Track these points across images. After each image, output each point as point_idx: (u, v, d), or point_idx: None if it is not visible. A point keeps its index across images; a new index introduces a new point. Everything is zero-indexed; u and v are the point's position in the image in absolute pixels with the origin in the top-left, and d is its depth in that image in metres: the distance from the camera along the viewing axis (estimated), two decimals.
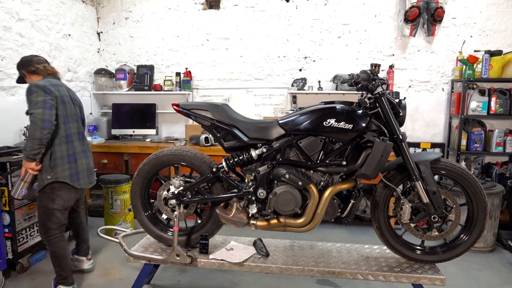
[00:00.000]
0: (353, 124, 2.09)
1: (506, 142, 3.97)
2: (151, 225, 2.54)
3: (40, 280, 3.00)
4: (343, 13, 4.43)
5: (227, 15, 4.65)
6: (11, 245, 2.96)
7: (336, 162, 2.18)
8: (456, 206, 2.19)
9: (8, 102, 3.54)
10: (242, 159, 2.28)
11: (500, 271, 3.24)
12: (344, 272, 2.21)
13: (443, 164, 2.19)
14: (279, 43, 4.61)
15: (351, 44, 4.48)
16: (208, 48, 4.75)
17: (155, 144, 4.40)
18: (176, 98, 4.80)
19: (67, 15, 4.31)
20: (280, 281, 2.97)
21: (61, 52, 4.24)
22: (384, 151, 2.05)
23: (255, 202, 2.24)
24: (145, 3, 4.81)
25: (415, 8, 4.02)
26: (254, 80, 4.73)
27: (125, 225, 3.91)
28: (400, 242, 2.30)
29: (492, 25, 4.20)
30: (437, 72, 4.38)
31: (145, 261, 2.45)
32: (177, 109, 2.37)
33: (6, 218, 2.94)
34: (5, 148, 3.28)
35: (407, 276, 2.16)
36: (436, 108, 4.42)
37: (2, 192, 2.93)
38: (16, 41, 3.60)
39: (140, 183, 2.49)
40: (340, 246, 2.60)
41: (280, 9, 4.54)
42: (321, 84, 4.50)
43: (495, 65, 3.88)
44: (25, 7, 3.69)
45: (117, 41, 4.95)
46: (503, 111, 3.94)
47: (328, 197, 2.17)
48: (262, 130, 2.26)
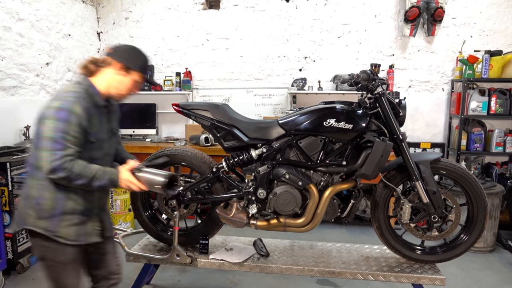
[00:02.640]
0: (353, 124, 2.09)
1: (506, 142, 3.97)
2: (151, 225, 2.54)
3: (40, 280, 3.00)
4: (343, 13, 4.43)
5: (227, 15, 4.65)
6: (11, 245, 2.96)
7: (336, 162, 2.18)
8: (456, 206, 2.19)
9: (8, 102, 3.53)
10: (242, 159, 2.28)
11: (500, 271, 3.24)
12: (344, 272, 2.21)
13: (443, 164, 2.19)
14: (279, 43, 4.61)
15: (351, 44, 4.48)
16: (208, 48, 4.75)
17: (155, 144, 4.40)
18: (176, 98, 4.79)
19: (67, 15, 4.31)
20: (280, 281, 2.97)
21: (61, 52, 4.24)
22: (384, 151, 2.05)
23: (255, 202, 2.24)
24: (145, 3, 4.80)
25: (415, 8, 4.02)
26: (254, 80, 4.73)
27: (125, 225, 3.91)
28: (400, 242, 2.30)
29: (492, 25, 4.20)
30: (437, 72, 4.38)
31: (145, 261, 2.45)
32: (177, 109, 2.37)
33: (6, 218, 2.94)
34: (5, 148, 3.28)
35: (407, 276, 2.16)
36: (436, 108, 4.42)
37: (2, 192, 2.93)
38: (16, 41, 3.60)
39: None
40: (340, 246, 2.60)
41: (280, 9, 4.54)
42: (321, 84, 4.50)
43: (495, 65, 3.88)
44: (25, 7, 3.69)
45: (117, 41, 4.95)
46: (503, 111, 3.94)
47: (328, 197, 2.17)
48: (262, 130, 2.26)
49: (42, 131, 1.57)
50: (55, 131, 1.55)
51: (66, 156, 1.55)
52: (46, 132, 1.55)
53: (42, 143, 1.56)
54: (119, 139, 2.04)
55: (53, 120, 1.56)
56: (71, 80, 4.44)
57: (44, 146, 1.55)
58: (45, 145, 1.55)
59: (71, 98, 1.61)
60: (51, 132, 1.55)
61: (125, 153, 2.09)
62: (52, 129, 1.55)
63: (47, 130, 1.55)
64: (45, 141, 1.55)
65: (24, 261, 3.12)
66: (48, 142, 1.55)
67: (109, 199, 3.85)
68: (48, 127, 1.55)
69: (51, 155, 1.53)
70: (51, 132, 1.55)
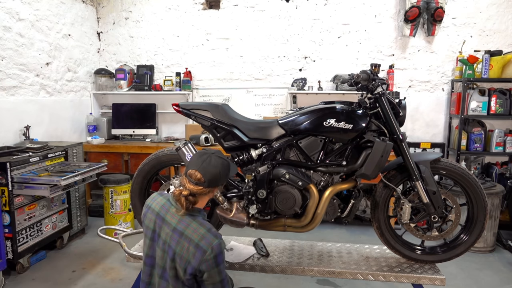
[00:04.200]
0: (353, 124, 2.09)
1: (506, 142, 3.97)
2: None
3: (40, 280, 3.00)
4: (343, 13, 4.43)
5: (227, 15, 4.65)
6: (11, 245, 2.96)
7: (336, 162, 2.18)
8: (456, 206, 2.18)
9: (8, 102, 3.54)
10: (242, 159, 2.27)
11: (500, 271, 3.24)
12: (344, 272, 2.21)
13: (443, 164, 2.19)
14: (279, 43, 4.61)
15: (351, 44, 4.48)
16: (208, 48, 4.75)
17: (155, 144, 4.40)
18: (176, 98, 4.79)
19: (67, 15, 4.31)
20: (280, 281, 2.97)
21: (61, 52, 4.24)
22: (384, 151, 2.05)
23: (255, 202, 2.24)
24: (145, 3, 4.81)
25: (415, 8, 4.02)
26: (254, 80, 4.73)
27: (125, 225, 3.91)
28: (400, 242, 2.30)
29: (492, 25, 4.20)
30: (437, 72, 4.38)
31: None
32: (177, 109, 2.37)
33: (6, 218, 2.94)
34: (5, 148, 3.28)
35: (407, 276, 2.16)
36: (436, 108, 4.42)
37: (2, 192, 2.93)
38: (16, 41, 3.60)
39: (140, 183, 2.49)
40: (340, 246, 2.60)
41: (280, 9, 4.54)
42: (321, 84, 4.50)
43: (495, 65, 3.88)
44: (25, 7, 3.69)
45: (117, 41, 4.95)
46: (503, 111, 3.94)
47: (328, 197, 2.17)
48: (262, 130, 2.26)
49: (222, 272, 1.62)
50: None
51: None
52: (223, 273, 1.63)
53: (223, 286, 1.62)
54: None
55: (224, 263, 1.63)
56: (71, 80, 4.43)
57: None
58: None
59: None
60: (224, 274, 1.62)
61: None
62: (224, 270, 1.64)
63: (223, 270, 1.63)
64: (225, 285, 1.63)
65: (24, 261, 3.12)
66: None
67: (109, 199, 3.85)
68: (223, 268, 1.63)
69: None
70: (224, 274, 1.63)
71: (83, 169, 3.34)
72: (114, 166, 4.30)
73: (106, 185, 3.84)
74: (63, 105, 4.31)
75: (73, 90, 4.51)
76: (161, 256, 1.64)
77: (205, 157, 1.65)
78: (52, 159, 3.39)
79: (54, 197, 3.39)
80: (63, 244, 3.65)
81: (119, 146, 4.30)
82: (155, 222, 1.67)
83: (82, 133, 4.69)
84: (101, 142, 4.45)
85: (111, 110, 4.77)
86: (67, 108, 4.39)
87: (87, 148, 4.30)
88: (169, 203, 1.69)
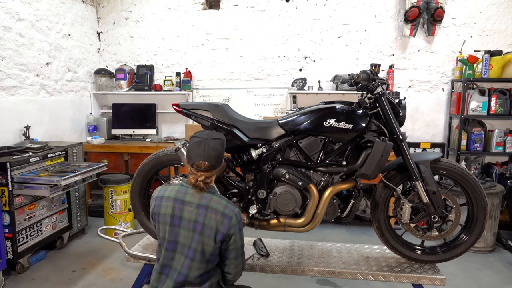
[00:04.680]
0: (353, 124, 2.09)
1: (506, 142, 3.97)
2: (151, 225, 2.54)
3: (40, 280, 3.01)
4: (343, 13, 4.43)
5: (227, 15, 4.65)
6: (11, 245, 2.96)
7: (336, 162, 2.18)
8: (456, 206, 2.18)
9: (8, 102, 3.54)
10: (242, 159, 2.28)
11: (500, 271, 3.24)
12: (344, 272, 2.21)
13: (443, 164, 2.19)
14: (279, 43, 4.61)
15: (351, 44, 4.48)
16: (208, 48, 4.75)
17: (155, 144, 4.41)
18: (176, 98, 4.80)
19: (67, 15, 4.32)
20: (280, 281, 2.97)
21: (61, 52, 4.24)
22: (384, 151, 2.05)
23: (255, 202, 2.24)
24: (145, 3, 4.81)
25: (415, 8, 4.02)
26: (254, 80, 4.73)
27: (125, 225, 3.91)
28: (400, 242, 2.30)
29: (492, 25, 4.20)
30: (437, 72, 4.38)
31: (145, 261, 2.45)
32: (177, 109, 2.37)
33: (6, 218, 2.94)
34: (5, 148, 3.28)
35: (407, 276, 2.16)
36: (436, 108, 4.42)
37: (2, 192, 2.93)
38: (16, 41, 3.60)
39: (140, 183, 2.49)
40: (340, 246, 2.60)
41: (280, 9, 4.54)
42: (321, 84, 4.50)
43: (495, 65, 3.88)
44: (25, 7, 3.69)
45: (117, 41, 4.95)
46: (503, 111, 3.94)
47: (328, 197, 2.17)
48: (262, 130, 2.26)
49: (243, 237, 1.83)
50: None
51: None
52: (243, 238, 1.84)
53: (242, 251, 1.85)
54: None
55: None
56: (71, 80, 4.43)
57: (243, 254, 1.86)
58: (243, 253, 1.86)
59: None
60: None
61: None
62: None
63: (243, 236, 1.84)
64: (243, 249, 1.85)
65: (24, 261, 3.12)
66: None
67: (109, 199, 3.85)
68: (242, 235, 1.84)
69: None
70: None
71: (83, 169, 3.34)
72: (114, 166, 4.30)
73: (106, 185, 3.85)
74: (63, 105, 4.31)
75: (73, 90, 4.52)
76: (186, 235, 1.74)
77: (203, 144, 1.76)
78: (52, 159, 3.40)
79: (54, 197, 3.39)
80: (63, 244, 3.65)
81: (119, 146, 4.30)
82: (173, 207, 1.76)
83: (82, 133, 4.69)
84: (101, 142, 4.45)
85: (111, 110, 4.77)
86: (67, 108, 4.39)
87: (87, 148, 4.30)
88: (184, 188, 1.79)
